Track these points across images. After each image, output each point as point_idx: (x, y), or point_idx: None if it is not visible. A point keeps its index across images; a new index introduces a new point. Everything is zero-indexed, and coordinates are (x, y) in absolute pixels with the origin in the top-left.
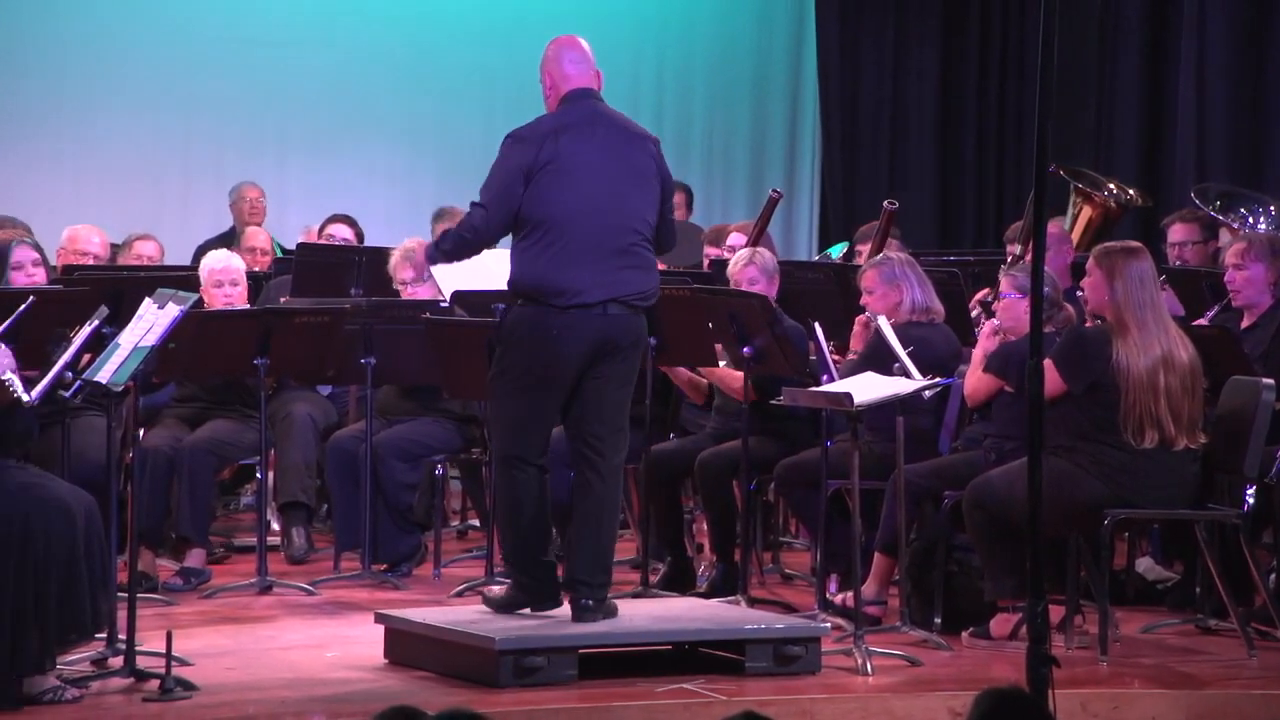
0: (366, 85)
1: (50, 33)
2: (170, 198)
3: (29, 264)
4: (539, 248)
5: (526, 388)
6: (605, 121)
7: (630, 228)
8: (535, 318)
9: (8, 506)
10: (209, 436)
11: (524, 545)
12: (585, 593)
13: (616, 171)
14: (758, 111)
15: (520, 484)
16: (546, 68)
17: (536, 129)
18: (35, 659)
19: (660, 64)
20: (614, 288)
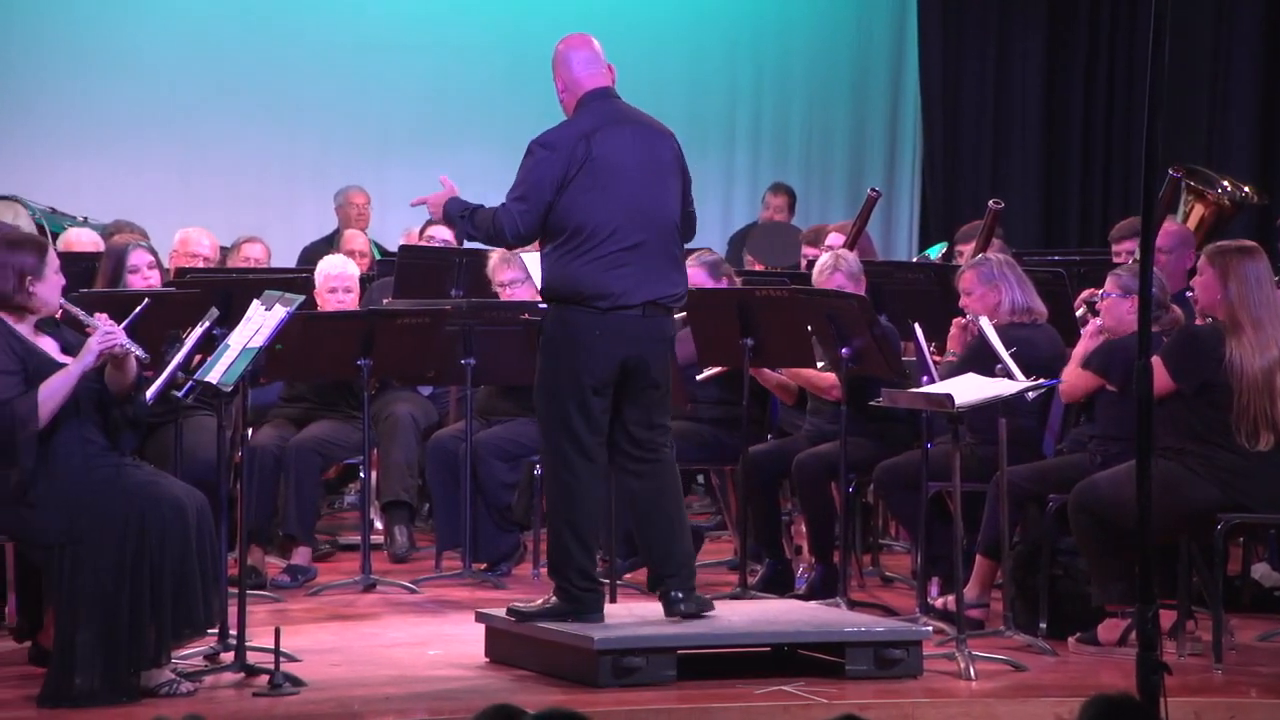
0: (467, 88)
1: (162, 41)
2: (276, 201)
3: (144, 267)
4: (579, 252)
5: (572, 393)
6: (630, 120)
7: (665, 227)
8: (578, 321)
9: (125, 504)
10: (314, 436)
11: (571, 552)
12: (673, 585)
13: (647, 170)
14: (857, 111)
15: (569, 490)
16: (557, 71)
17: (566, 133)
18: (152, 653)
19: (758, 64)
20: (654, 290)
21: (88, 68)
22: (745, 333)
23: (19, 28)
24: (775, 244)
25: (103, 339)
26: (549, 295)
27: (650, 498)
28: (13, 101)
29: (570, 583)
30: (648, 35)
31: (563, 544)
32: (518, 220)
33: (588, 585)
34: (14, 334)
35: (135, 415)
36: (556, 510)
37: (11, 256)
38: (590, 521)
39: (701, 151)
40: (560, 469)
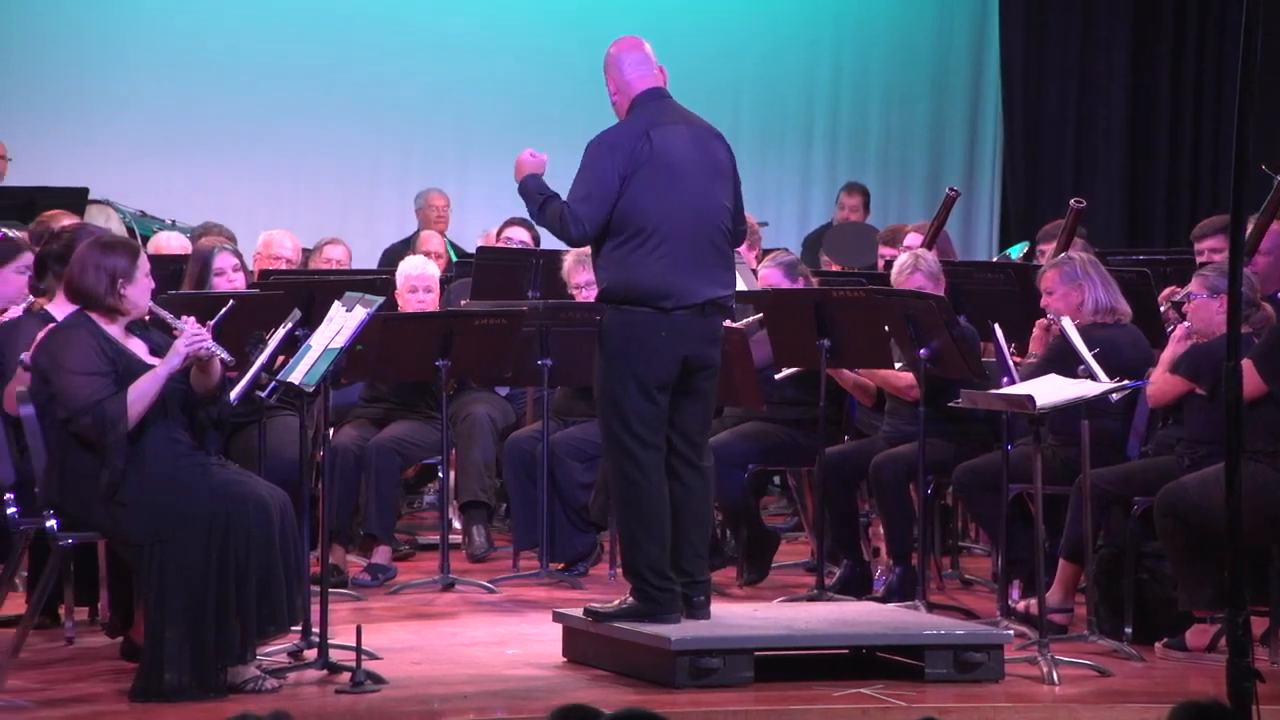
0: (547, 91)
1: (249, 48)
2: (357, 203)
3: (229, 270)
4: (641, 251)
5: (637, 392)
6: (682, 120)
7: (720, 226)
8: (641, 322)
9: (211, 504)
10: (394, 436)
11: (644, 553)
12: (700, 589)
13: (704, 168)
14: (936, 110)
15: (637, 489)
16: (609, 74)
17: (626, 131)
18: (238, 650)
19: (836, 64)
20: (713, 289)
21: (178, 75)
22: (822, 333)
23: (114, 38)
24: (852, 244)
25: (189, 341)
26: (609, 296)
27: (699, 496)
28: (105, 107)
29: (646, 583)
30: (725, 36)
31: (635, 544)
32: (584, 221)
33: (663, 584)
34: (105, 336)
35: (220, 416)
36: (626, 511)
37: (104, 259)
38: (660, 520)
39: (778, 152)
40: (629, 469)
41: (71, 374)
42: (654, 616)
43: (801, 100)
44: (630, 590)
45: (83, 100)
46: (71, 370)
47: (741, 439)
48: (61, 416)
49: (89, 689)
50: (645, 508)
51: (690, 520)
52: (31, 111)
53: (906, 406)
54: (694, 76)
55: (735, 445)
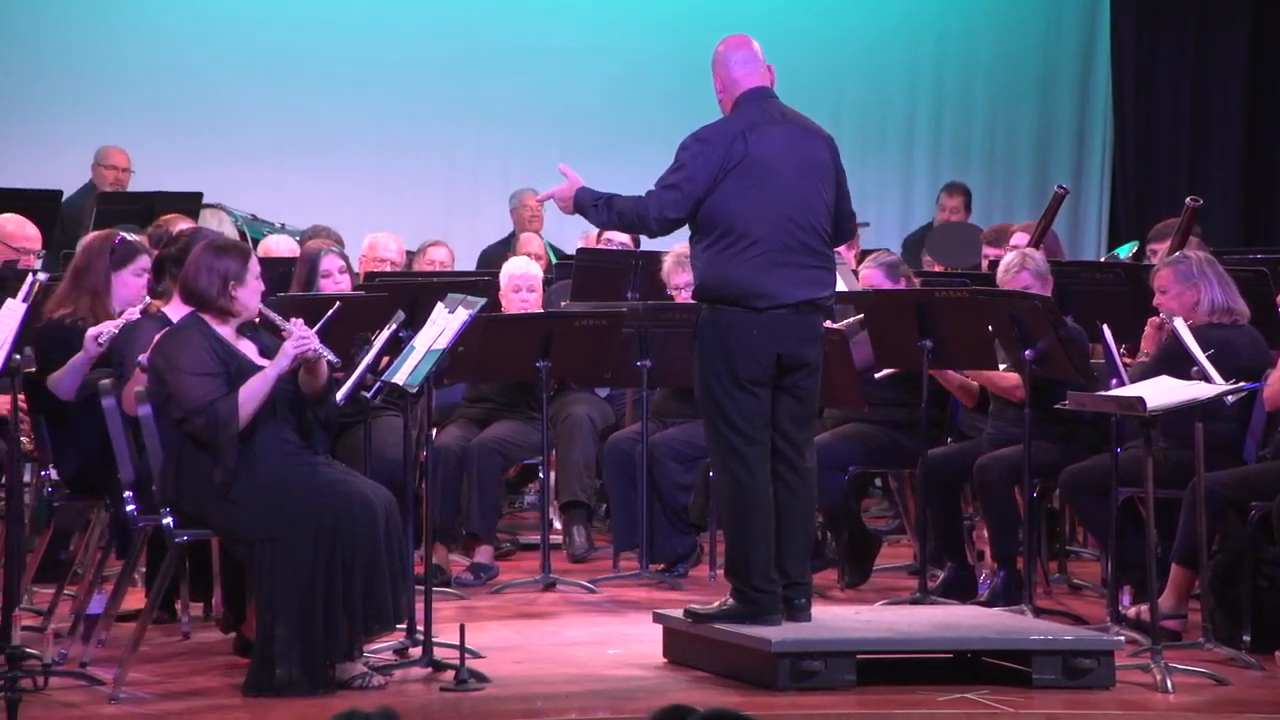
0: (647, 92)
1: (354, 53)
2: (460, 205)
3: (335, 272)
4: (733, 251)
5: (734, 391)
6: (786, 120)
7: (818, 226)
8: (733, 321)
9: (318, 502)
10: (495, 436)
11: (748, 554)
12: (800, 592)
13: (802, 169)
14: (1043, 107)
15: (742, 488)
16: (716, 71)
17: (723, 129)
18: (345, 646)
19: (939, 63)
20: (809, 289)
21: (287, 83)
22: (924, 334)
23: (226, 49)
24: (955, 244)
25: (297, 343)
26: (703, 295)
27: (801, 498)
28: (219, 115)
29: (749, 585)
30: (826, 34)
31: (740, 546)
32: (665, 206)
33: (765, 586)
34: (218, 337)
35: (327, 416)
36: (730, 510)
37: (217, 262)
38: (766, 520)
39: (879, 152)
40: (734, 465)
41: (186, 375)
42: (754, 618)
43: (904, 99)
44: (731, 591)
45: (198, 109)
46: (186, 371)
47: (842, 440)
48: (176, 416)
49: (204, 683)
50: (750, 506)
51: (792, 522)
52: (151, 119)
53: (1011, 408)
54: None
55: (836, 447)
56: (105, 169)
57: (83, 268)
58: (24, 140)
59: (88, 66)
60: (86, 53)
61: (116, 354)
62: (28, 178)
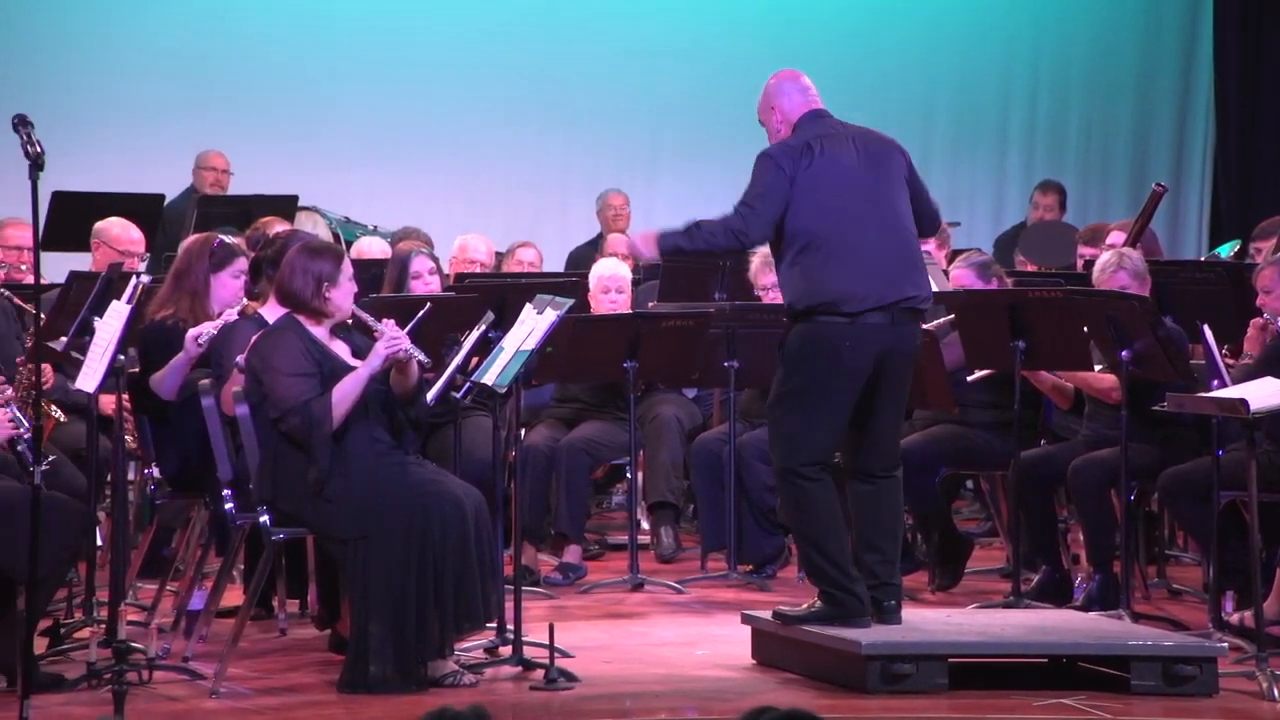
0: (736, 95)
1: (445, 57)
2: (549, 207)
3: (426, 273)
4: (819, 261)
5: (813, 402)
6: (853, 133)
7: (900, 229)
8: (826, 333)
9: (410, 502)
10: (584, 436)
11: (823, 557)
12: (890, 594)
13: (877, 175)
14: (1141, 105)
15: (810, 501)
16: (772, 104)
17: (793, 144)
18: (436, 645)
19: (1034, 61)
20: (901, 291)
21: (380, 85)
22: (1016, 335)
23: (323, 53)
24: (1049, 244)
25: (389, 344)
26: (794, 310)
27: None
28: (314, 118)
29: (832, 585)
30: (919, 35)
31: (811, 550)
32: (747, 225)
33: (848, 585)
34: (312, 338)
35: (418, 416)
36: (796, 518)
37: (311, 264)
38: (833, 521)
39: (971, 151)
40: (803, 482)
41: (281, 375)
42: (843, 620)
43: (997, 97)
44: (819, 594)
45: (294, 113)
46: (281, 371)
47: (933, 442)
48: (272, 416)
49: (300, 679)
50: (813, 513)
51: (879, 525)
52: (249, 124)
53: (1107, 409)
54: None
55: (926, 448)
56: (205, 172)
57: (183, 270)
58: (128, 145)
59: (189, 73)
60: (188, 59)
61: (215, 355)
62: (131, 182)
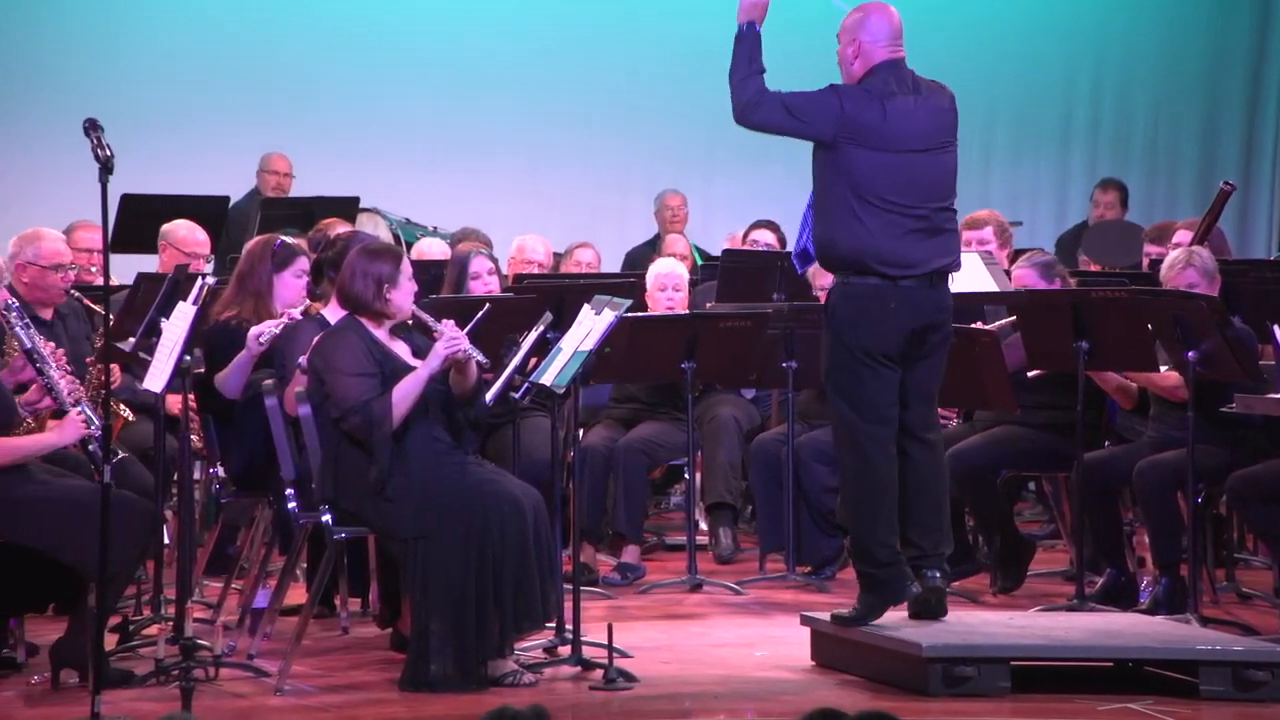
0: None
1: (503, 58)
2: (607, 207)
3: (485, 274)
4: (870, 218)
5: (867, 365)
6: (918, 87)
7: (945, 194)
8: (869, 291)
9: (468, 501)
10: (642, 437)
11: (874, 528)
12: (933, 563)
13: (932, 137)
14: (1209, 102)
15: (871, 463)
16: (854, 35)
17: (861, 91)
18: (496, 644)
19: (1099, 59)
20: (942, 257)
21: (439, 88)
22: (1080, 335)
23: (381, 57)
24: (1114, 243)
25: (448, 344)
26: (838, 264)
27: (928, 470)
28: (375, 122)
29: (873, 561)
30: (981, 30)
31: (861, 520)
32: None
33: (890, 560)
34: (372, 338)
35: (477, 417)
36: (853, 484)
37: (371, 265)
38: (889, 495)
39: (1034, 149)
40: (865, 446)
41: (342, 375)
42: (887, 599)
43: (1060, 95)
44: (859, 579)
45: (355, 116)
46: (342, 371)
47: (993, 443)
48: (333, 416)
49: (362, 677)
50: (877, 487)
51: (922, 495)
52: (312, 127)
53: (1174, 411)
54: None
55: (987, 450)
56: (268, 174)
57: (246, 271)
58: (193, 148)
59: (254, 76)
60: (252, 64)
61: (278, 355)
62: (196, 184)
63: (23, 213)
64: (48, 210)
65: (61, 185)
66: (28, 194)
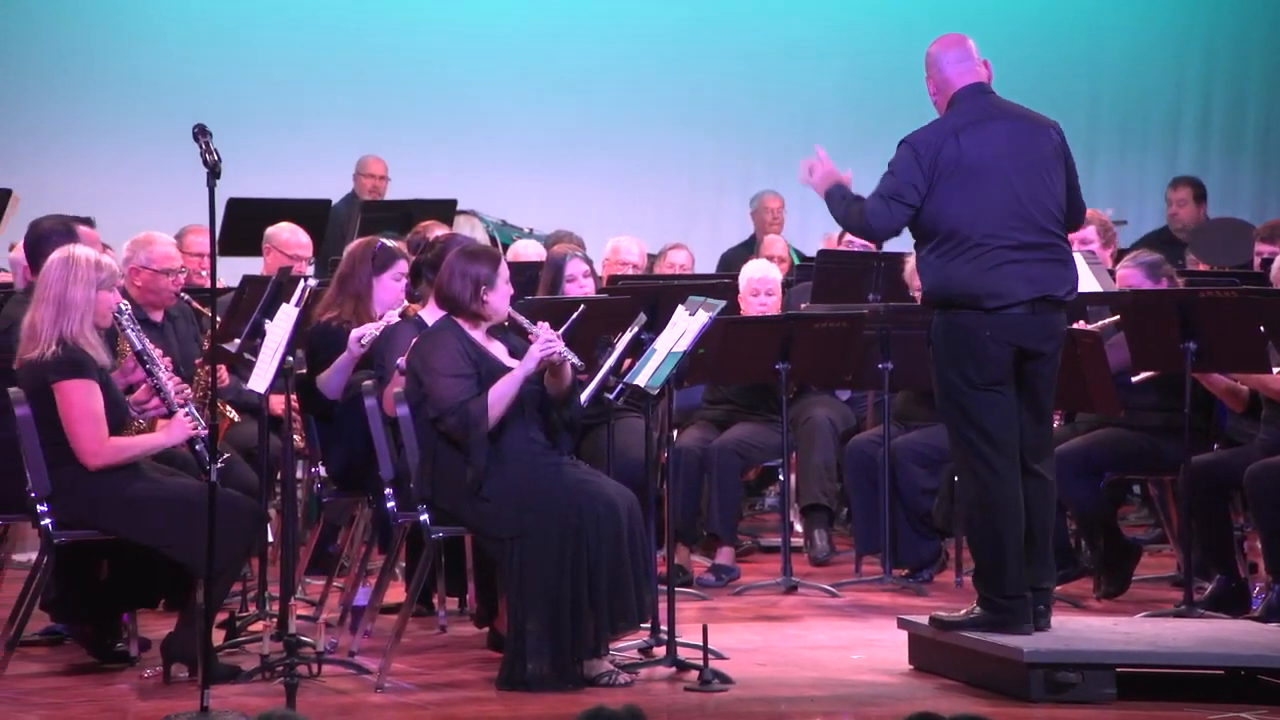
0: (886, 92)
1: (597, 61)
2: (702, 209)
3: (580, 275)
4: (956, 253)
5: (975, 391)
6: (1000, 115)
7: (1044, 222)
8: (965, 324)
9: (565, 501)
10: (735, 438)
11: (997, 562)
12: (1042, 597)
13: (1020, 164)
14: None
15: (990, 494)
16: (929, 72)
17: (934, 133)
18: (591, 644)
19: (1209, 50)
20: (1040, 285)
21: (534, 90)
22: (1187, 336)
23: (477, 62)
24: (1223, 242)
25: (543, 346)
26: (933, 300)
27: (1035, 504)
28: (472, 125)
29: (999, 594)
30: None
31: (992, 555)
32: (882, 215)
33: (1017, 594)
34: (470, 339)
35: (572, 417)
36: (978, 517)
37: (469, 267)
38: (1016, 525)
39: (1140, 147)
40: (981, 473)
41: (440, 376)
42: (1003, 627)
43: (1168, 91)
44: (978, 599)
45: (452, 119)
46: (440, 372)
47: (1096, 446)
48: (431, 416)
49: (460, 675)
50: (1002, 514)
51: (1031, 526)
52: (407, 132)
53: None
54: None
55: (1090, 453)
56: (364, 178)
57: (347, 273)
58: (291, 151)
59: (351, 81)
60: (350, 68)
61: (377, 356)
62: (295, 187)
63: (131, 217)
64: (155, 214)
65: (168, 189)
66: (136, 198)
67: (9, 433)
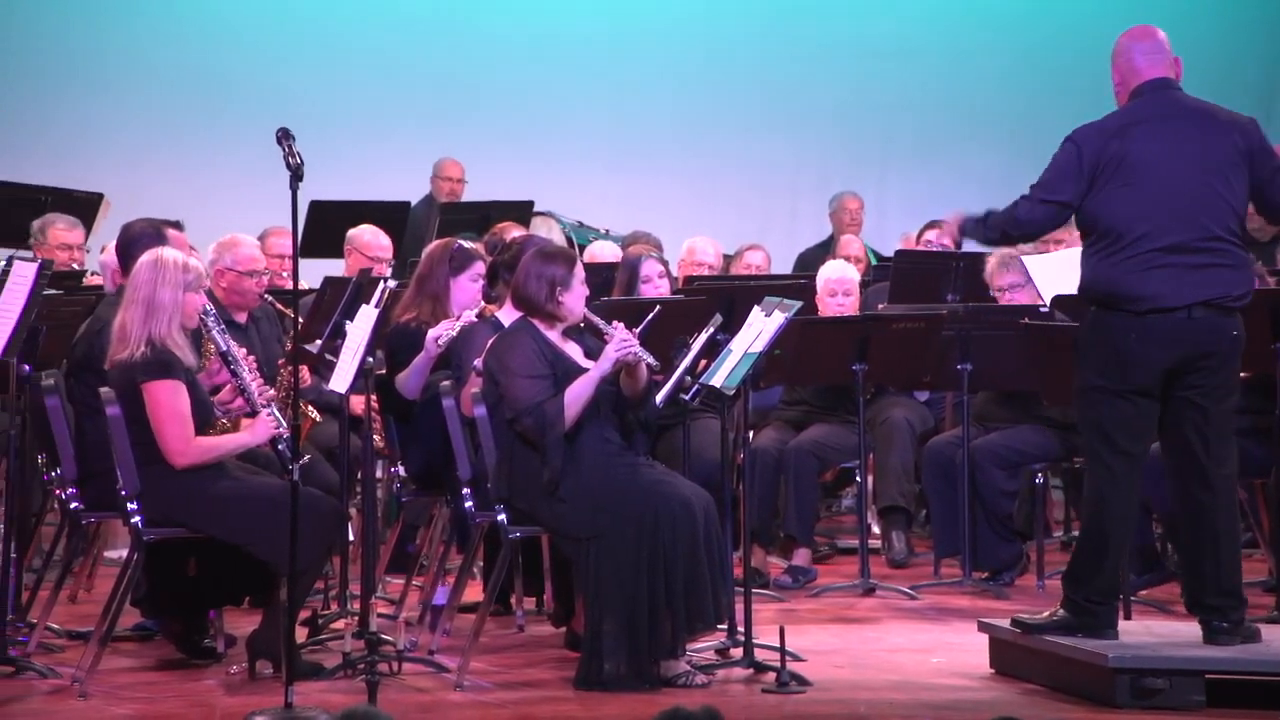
0: (969, 90)
1: (672, 63)
2: (778, 210)
3: (655, 276)
4: (1111, 252)
5: (1109, 395)
6: (1183, 113)
7: (1211, 224)
8: (1112, 324)
9: (641, 502)
10: (812, 439)
11: (1099, 564)
12: (1215, 616)
13: (1194, 165)
14: None
15: (1101, 496)
16: (1116, 62)
17: (1102, 127)
18: (668, 645)
19: None
20: (1198, 290)
21: (610, 91)
22: (1278, 336)
23: (552, 65)
24: None
25: (619, 347)
26: (1085, 297)
27: (1205, 514)
28: (549, 126)
29: (1085, 597)
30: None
31: (1090, 557)
32: (1032, 208)
33: (1103, 601)
34: (546, 340)
35: (647, 418)
36: (1087, 518)
37: (544, 268)
38: (1124, 531)
39: None
40: (1096, 473)
41: (516, 376)
42: (1088, 631)
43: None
44: (1062, 601)
45: (530, 121)
46: (516, 373)
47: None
48: (507, 417)
49: (538, 674)
50: (1108, 521)
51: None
52: (484, 134)
53: None
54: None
55: None
56: (441, 180)
57: (425, 274)
58: (373, 154)
59: (430, 84)
60: (428, 72)
61: (454, 357)
62: (374, 189)
63: (218, 220)
64: (241, 217)
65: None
66: (222, 201)
67: (100, 433)
